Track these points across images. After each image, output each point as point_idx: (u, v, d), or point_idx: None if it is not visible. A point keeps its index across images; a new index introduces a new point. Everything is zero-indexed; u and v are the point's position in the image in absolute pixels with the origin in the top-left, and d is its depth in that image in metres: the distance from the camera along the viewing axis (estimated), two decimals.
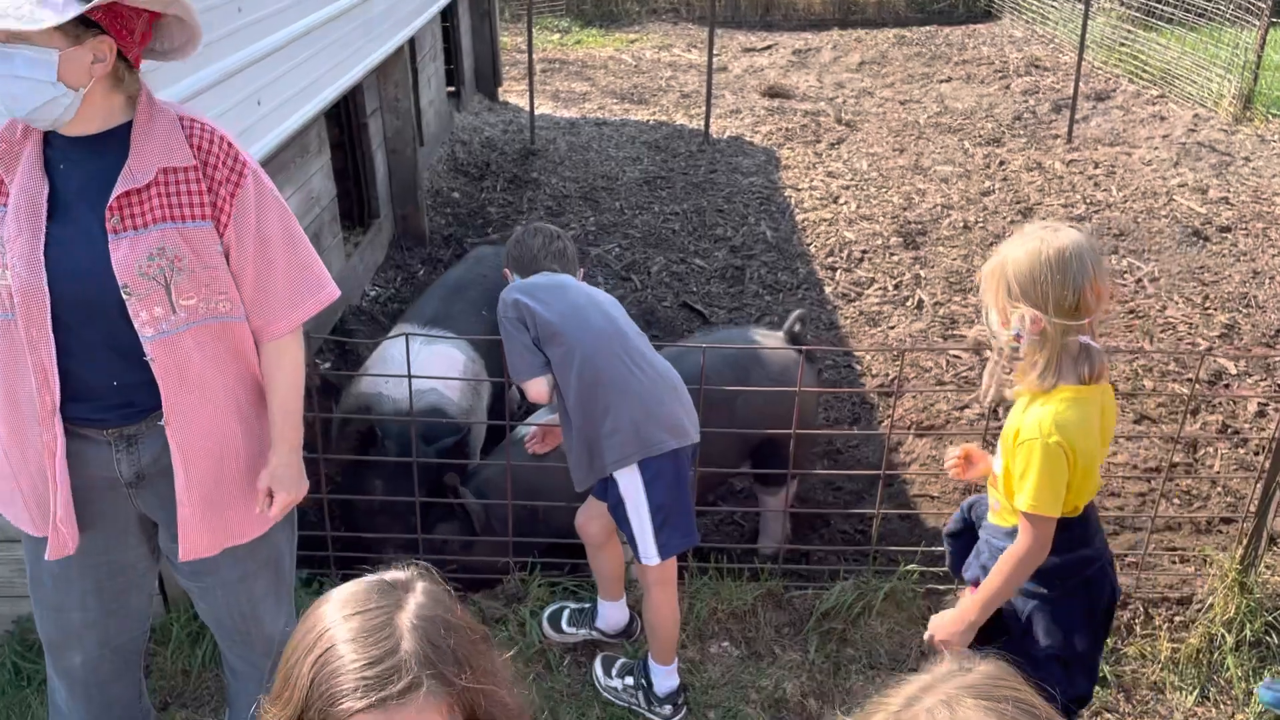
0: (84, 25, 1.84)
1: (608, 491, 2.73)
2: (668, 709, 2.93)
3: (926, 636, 2.39)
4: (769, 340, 3.68)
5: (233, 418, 2.13)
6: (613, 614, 3.15)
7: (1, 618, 3.05)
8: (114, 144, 1.99)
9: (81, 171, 1.97)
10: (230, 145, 2.05)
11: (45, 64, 1.82)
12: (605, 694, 2.99)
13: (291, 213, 2.16)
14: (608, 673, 3.03)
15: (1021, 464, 2.11)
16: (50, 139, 1.97)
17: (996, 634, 2.29)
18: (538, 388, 2.69)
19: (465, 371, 3.82)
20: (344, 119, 5.64)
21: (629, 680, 2.98)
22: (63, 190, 1.96)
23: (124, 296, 1.96)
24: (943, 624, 2.32)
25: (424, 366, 3.47)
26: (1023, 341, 2.09)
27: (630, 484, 2.67)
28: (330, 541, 3.34)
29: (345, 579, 3.49)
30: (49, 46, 1.82)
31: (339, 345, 4.67)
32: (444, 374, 3.53)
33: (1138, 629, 3.27)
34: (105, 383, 2.03)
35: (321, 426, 3.47)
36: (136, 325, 1.98)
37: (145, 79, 2.04)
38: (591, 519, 2.97)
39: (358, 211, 5.84)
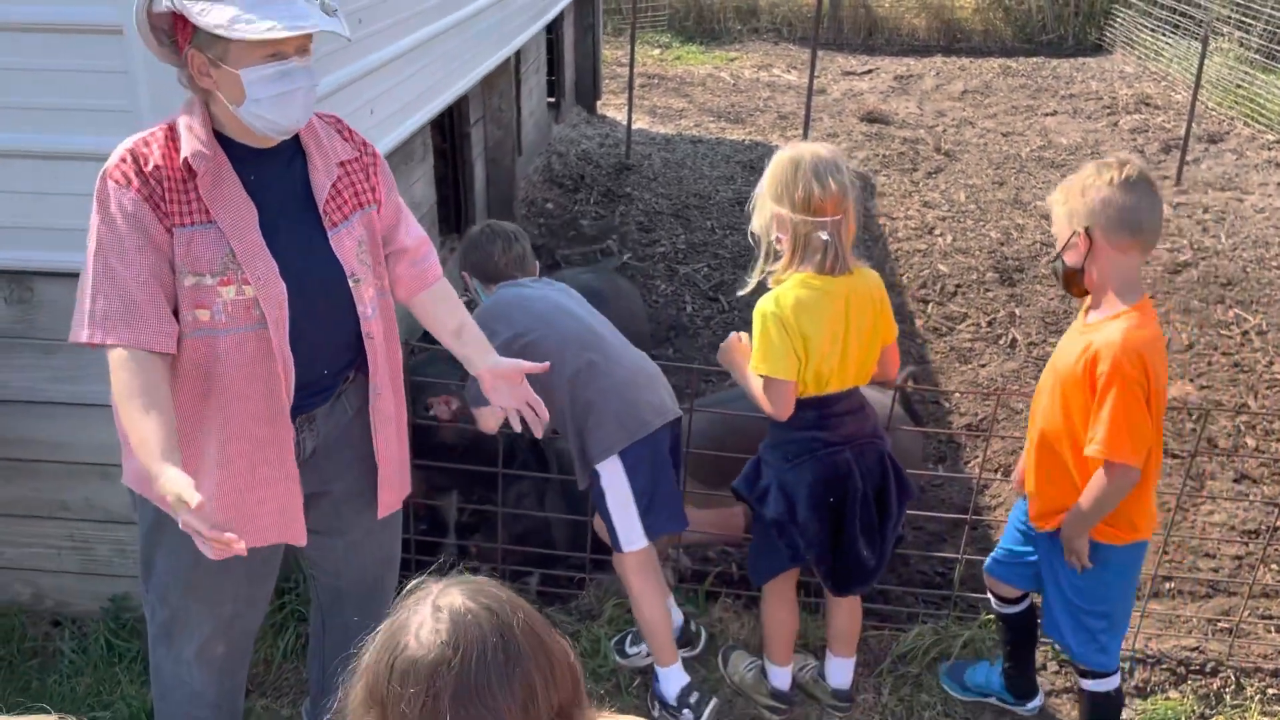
0: None
1: (591, 486, 2.78)
2: (687, 714, 2.89)
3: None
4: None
5: (398, 383, 2.33)
6: None
7: (98, 595, 3.17)
8: (282, 150, 2.09)
9: (272, 180, 2.07)
10: (356, 131, 2.27)
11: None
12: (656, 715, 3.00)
13: None
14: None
15: (754, 332, 2.53)
16: (232, 155, 2.03)
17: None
18: (486, 419, 2.76)
19: None
20: (447, 127, 5.74)
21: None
22: (264, 201, 2.04)
23: (351, 285, 2.11)
24: (731, 353, 2.71)
25: None
26: (783, 240, 2.50)
27: (612, 473, 2.72)
28: (414, 545, 3.39)
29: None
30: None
31: (429, 350, 4.75)
32: None
33: (1228, 698, 3.15)
34: (318, 372, 2.15)
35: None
36: (360, 310, 2.14)
37: None
38: None
39: (454, 218, 5.94)
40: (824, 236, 2.45)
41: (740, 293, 2.70)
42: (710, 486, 3.23)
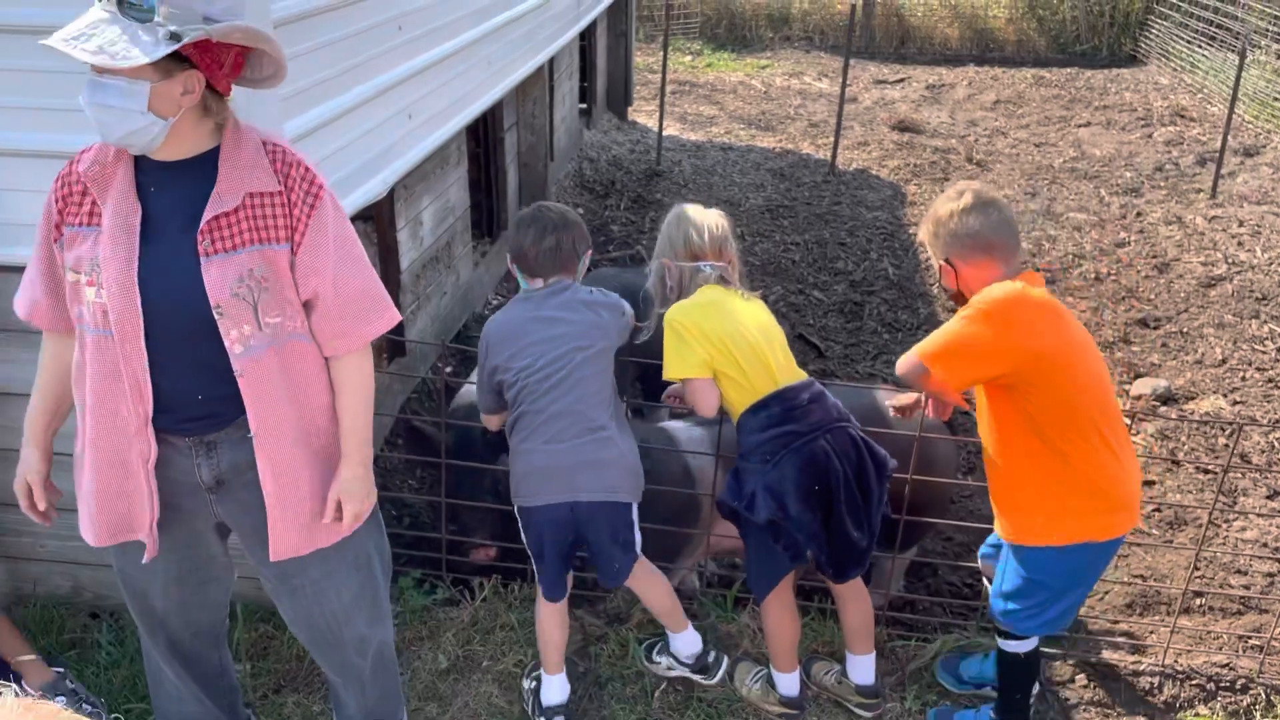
0: (175, 60, 1.91)
1: None
2: None
3: None
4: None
5: (310, 431, 2.19)
6: (679, 644, 3.12)
7: None
8: (203, 169, 2.05)
9: (172, 195, 2.05)
10: (308, 169, 2.12)
11: (137, 95, 1.91)
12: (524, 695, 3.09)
13: (358, 239, 2.23)
14: (526, 674, 3.12)
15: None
16: (141, 163, 2.04)
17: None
18: (492, 423, 2.91)
19: None
20: (481, 132, 5.80)
21: (531, 685, 3.06)
22: (155, 213, 2.03)
23: (215, 316, 2.03)
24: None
25: None
26: (674, 288, 2.80)
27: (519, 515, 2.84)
28: (444, 544, 3.43)
29: (455, 582, 3.59)
30: (140, 79, 1.90)
31: (461, 352, 4.80)
32: None
33: (1258, 715, 3.13)
34: (191, 396, 2.11)
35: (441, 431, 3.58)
36: (226, 344, 2.05)
37: (307, 95, 2.15)
38: None
39: (487, 222, 5.99)
40: (704, 268, 2.76)
41: (638, 341, 2.92)
42: None
